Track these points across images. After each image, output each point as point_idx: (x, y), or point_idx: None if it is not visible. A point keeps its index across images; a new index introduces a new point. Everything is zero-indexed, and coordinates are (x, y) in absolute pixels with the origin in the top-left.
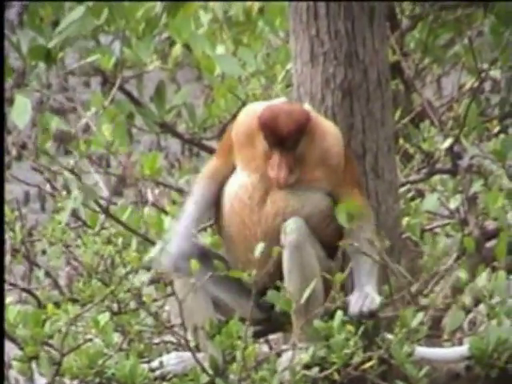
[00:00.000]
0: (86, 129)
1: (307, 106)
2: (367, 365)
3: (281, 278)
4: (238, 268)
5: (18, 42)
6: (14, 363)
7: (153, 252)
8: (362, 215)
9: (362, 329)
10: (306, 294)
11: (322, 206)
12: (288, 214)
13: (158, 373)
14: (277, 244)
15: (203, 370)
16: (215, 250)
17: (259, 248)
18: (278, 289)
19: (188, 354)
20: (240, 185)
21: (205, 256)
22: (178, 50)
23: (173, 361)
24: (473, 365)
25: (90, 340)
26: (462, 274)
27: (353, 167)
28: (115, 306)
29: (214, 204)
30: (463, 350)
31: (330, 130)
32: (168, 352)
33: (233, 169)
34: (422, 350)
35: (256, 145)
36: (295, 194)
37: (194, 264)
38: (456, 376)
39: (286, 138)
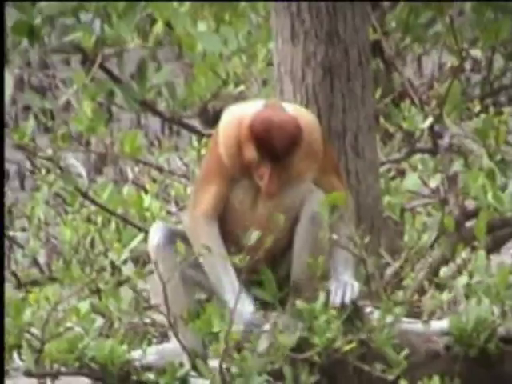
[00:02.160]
0: (66, 107)
1: (289, 106)
2: (347, 347)
3: (267, 262)
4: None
5: None
6: None
7: (136, 240)
8: (343, 207)
9: (344, 314)
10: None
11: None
12: (280, 212)
13: (138, 364)
14: (273, 244)
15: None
16: None
17: (254, 236)
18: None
19: (167, 347)
20: (231, 193)
21: (186, 238)
22: (158, 27)
23: (153, 356)
24: (452, 344)
25: (71, 328)
26: (442, 273)
27: (331, 153)
28: (94, 286)
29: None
30: (442, 324)
31: (311, 124)
32: (149, 334)
33: (232, 181)
34: (401, 324)
35: (243, 152)
36: (284, 192)
37: (180, 247)
38: (435, 355)
39: (280, 153)
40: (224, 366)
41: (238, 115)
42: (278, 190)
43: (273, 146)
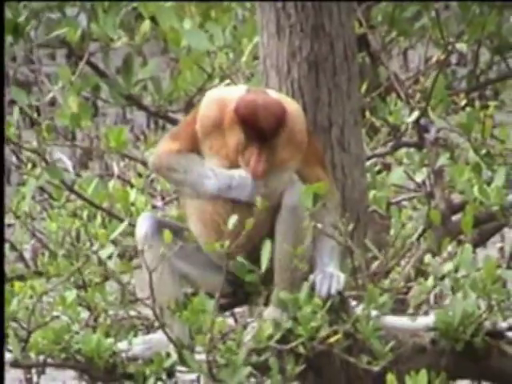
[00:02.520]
0: (53, 102)
1: (273, 92)
2: (333, 339)
3: (248, 252)
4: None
5: None
6: None
7: (120, 228)
8: (327, 197)
9: (329, 303)
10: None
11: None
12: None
13: (124, 355)
14: (253, 233)
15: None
16: (182, 224)
17: (232, 220)
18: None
19: (155, 338)
20: None
21: (173, 229)
22: (146, 25)
23: (139, 347)
24: (438, 338)
25: (57, 317)
26: (427, 259)
27: (315, 144)
28: (81, 281)
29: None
30: (428, 320)
31: (295, 112)
32: (135, 327)
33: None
34: (388, 319)
35: (225, 134)
36: (266, 179)
37: (167, 235)
38: (422, 349)
39: (267, 133)
40: (210, 357)
41: (219, 97)
42: (265, 172)
43: (259, 127)
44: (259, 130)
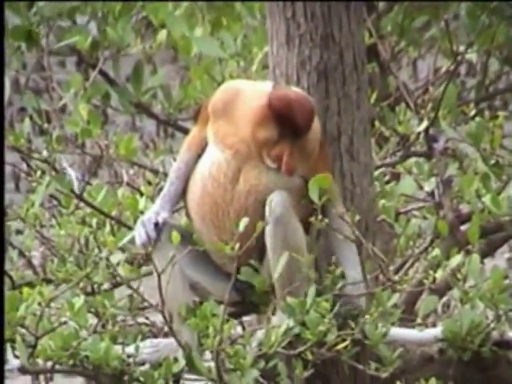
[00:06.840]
0: (63, 109)
1: (297, 90)
2: (341, 346)
3: (257, 257)
4: (209, 249)
5: None
6: None
7: (129, 236)
8: (332, 191)
9: (336, 308)
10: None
11: (294, 184)
12: (260, 192)
13: (132, 360)
14: (249, 223)
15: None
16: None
17: (243, 223)
18: (254, 268)
19: (163, 341)
20: (213, 161)
21: (181, 236)
22: (163, 34)
23: (147, 349)
24: (446, 348)
25: (65, 323)
26: (436, 252)
27: (326, 155)
28: (89, 287)
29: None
30: (437, 331)
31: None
32: (143, 334)
33: (205, 140)
34: (396, 331)
35: (235, 122)
36: (268, 172)
37: (175, 236)
38: (429, 359)
39: (301, 128)
40: (218, 359)
41: (237, 86)
42: (295, 168)
43: (294, 122)
44: (294, 124)
